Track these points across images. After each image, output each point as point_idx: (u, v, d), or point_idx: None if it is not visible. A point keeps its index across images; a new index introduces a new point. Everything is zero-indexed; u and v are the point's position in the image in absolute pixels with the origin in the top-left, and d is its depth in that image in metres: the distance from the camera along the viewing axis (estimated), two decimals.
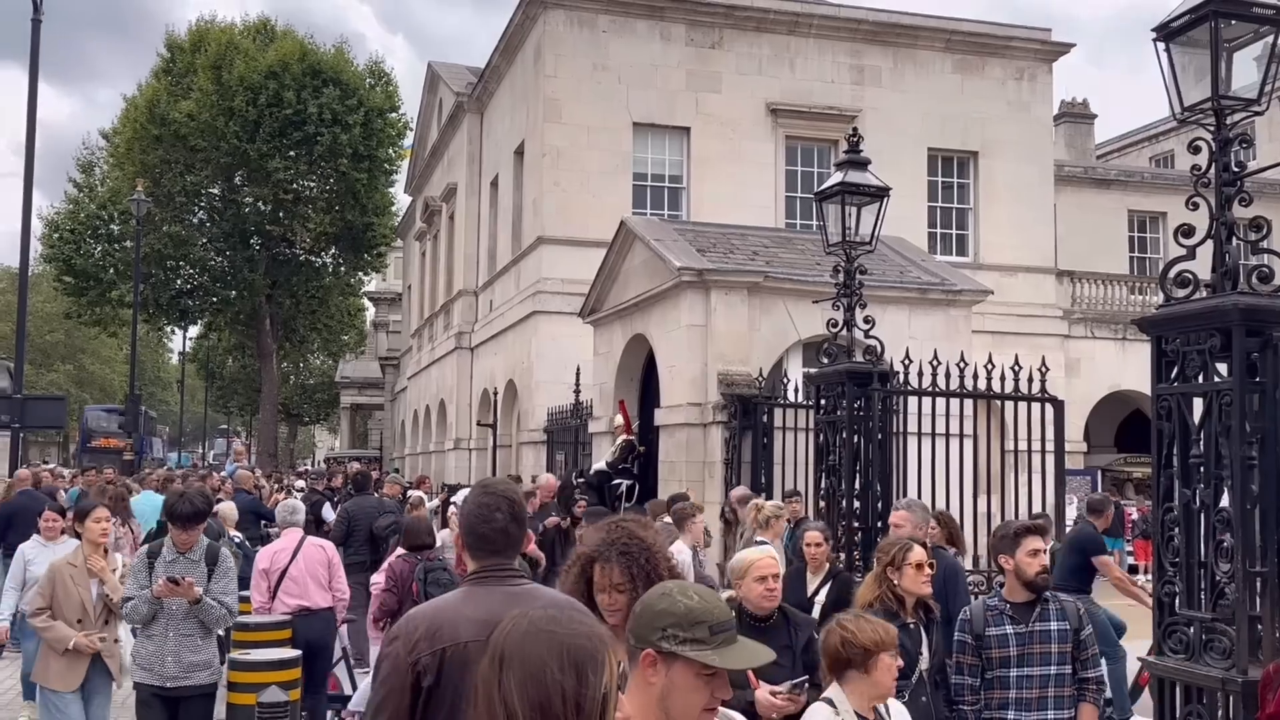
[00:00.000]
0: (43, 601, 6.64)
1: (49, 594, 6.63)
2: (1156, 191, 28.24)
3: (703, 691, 2.35)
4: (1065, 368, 22.36)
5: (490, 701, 1.78)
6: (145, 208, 29.71)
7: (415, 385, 36.46)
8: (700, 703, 2.35)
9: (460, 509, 3.50)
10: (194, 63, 35.52)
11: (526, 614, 1.90)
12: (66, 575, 6.69)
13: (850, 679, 3.64)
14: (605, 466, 14.37)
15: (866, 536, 9.82)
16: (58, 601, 6.61)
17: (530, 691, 1.75)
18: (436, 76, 32.91)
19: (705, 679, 2.35)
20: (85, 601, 6.64)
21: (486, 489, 3.41)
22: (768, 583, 4.78)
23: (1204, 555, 5.04)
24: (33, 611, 6.74)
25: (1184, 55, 5.46)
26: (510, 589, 3.18)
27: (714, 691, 2.36)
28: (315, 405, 63.11)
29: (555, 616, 1.89)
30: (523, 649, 1.80)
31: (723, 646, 2.35)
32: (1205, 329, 5.02)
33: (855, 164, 10.58)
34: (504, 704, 1.75)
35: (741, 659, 2.39)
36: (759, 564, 4.84)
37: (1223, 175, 5.17)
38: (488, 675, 1.80)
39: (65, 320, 47.98)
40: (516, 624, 1.86)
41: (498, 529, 3.27)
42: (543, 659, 1.77)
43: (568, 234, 20.94)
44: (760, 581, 4.77)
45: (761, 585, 4.76)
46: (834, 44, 22.93)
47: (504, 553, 3.28)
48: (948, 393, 10.85)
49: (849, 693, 3.61)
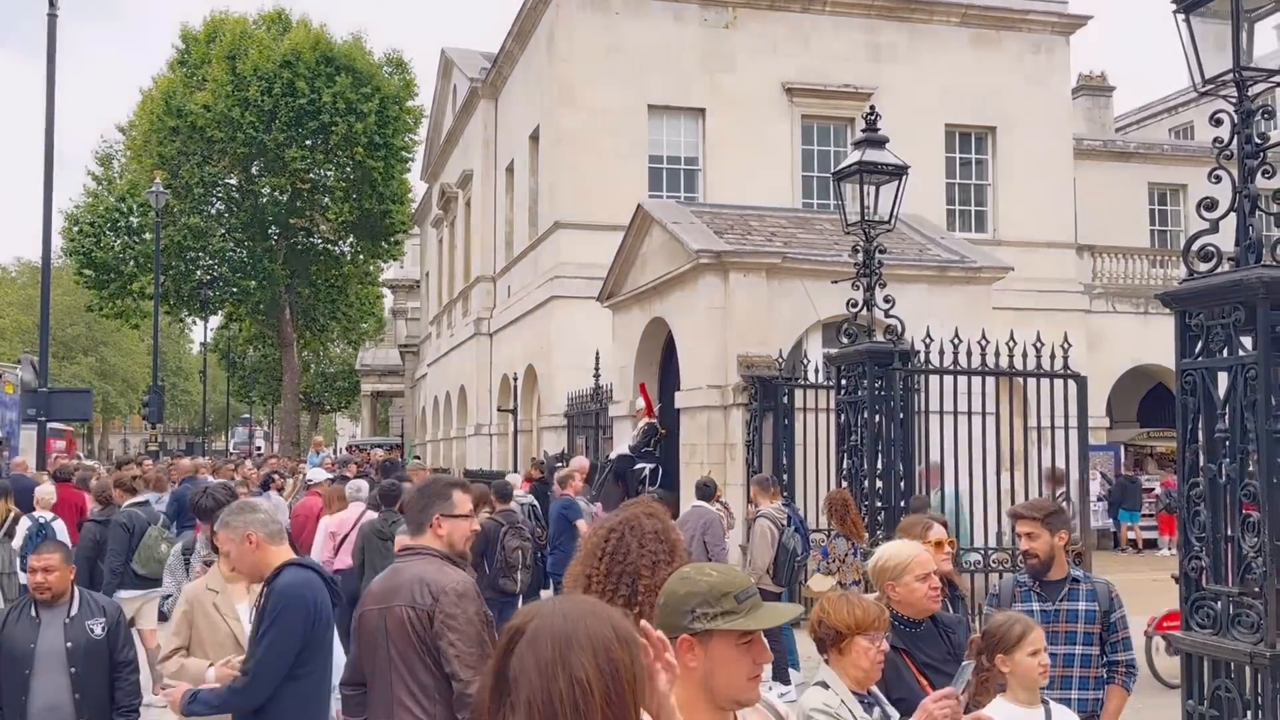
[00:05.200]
0: (179, 641, 5.05)
1: (186, 632, 5.06)
2: (1176, 164, 27.97)
3: (744, 661, 2.40)
4: (1087, 343, 22.23)
5: (550, 683, 1.78)
6: (164, 200, 29.84)
7: (435, 372, 36.59)
8: (745, 672, 2.40)
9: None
10: (208, 54, 35.62)
11: (558, 603, 1.92)
12: (209, 604, 5.14)
13: (833, 659, 3.64)
14: (628, 450, 14.41)
15: (889, 515, 9.83)
16: (199, 639, 5.05)
17: (602, 662, 1.80)
18: (450, 63, 32.90)
19: (744, 648, 2.40)
20: (239, 636, 4.98)
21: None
22: (931, 580, 4.23)
23: (1230, 530, 5.02)
24: (163, 657, 5.19)
25: (1204, 26, 5.41)
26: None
27: (755, 659, 2.41)
28: (336, 393, 63.39)
29: (582, 600, 1.95)
30: (584, 626, 1.83)
31: (752, 611, 2.40)
32: (1229, 303, 4.99)
33: (873, 142, 10.54)
34: (574, 681, 1.77)
35: (772, 618, 2.43)
36: (918, 561, 4.24)
37: (1245, 148, 5.12)
38: (549, 658, 1.80)
39: (87, 313, 48.27)
40: (556, 609, 1.88)
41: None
42: (604, 633, 1.83)
43: (584, 218, 20.93)
44: (923, 580, 4.20)
45: (925, 584, 4.19)
46: (849, 21, 22.78)
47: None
48: (969, 370, 10.83)
49: (839, 673, 3.61)
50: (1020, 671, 3.99)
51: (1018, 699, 4.02)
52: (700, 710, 2.41)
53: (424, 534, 4.06)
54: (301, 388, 47.20)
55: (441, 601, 3.84)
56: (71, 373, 59.65)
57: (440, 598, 3.84)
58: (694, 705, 2.41)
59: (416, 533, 4.09)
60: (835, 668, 3.61)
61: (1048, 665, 4.07)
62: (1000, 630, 4.07)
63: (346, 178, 36.84)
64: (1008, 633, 4.03)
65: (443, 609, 3.82)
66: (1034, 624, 4.13)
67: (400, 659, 3.85)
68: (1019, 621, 4.10)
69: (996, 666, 4.05)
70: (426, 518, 4.04)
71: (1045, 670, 4.04)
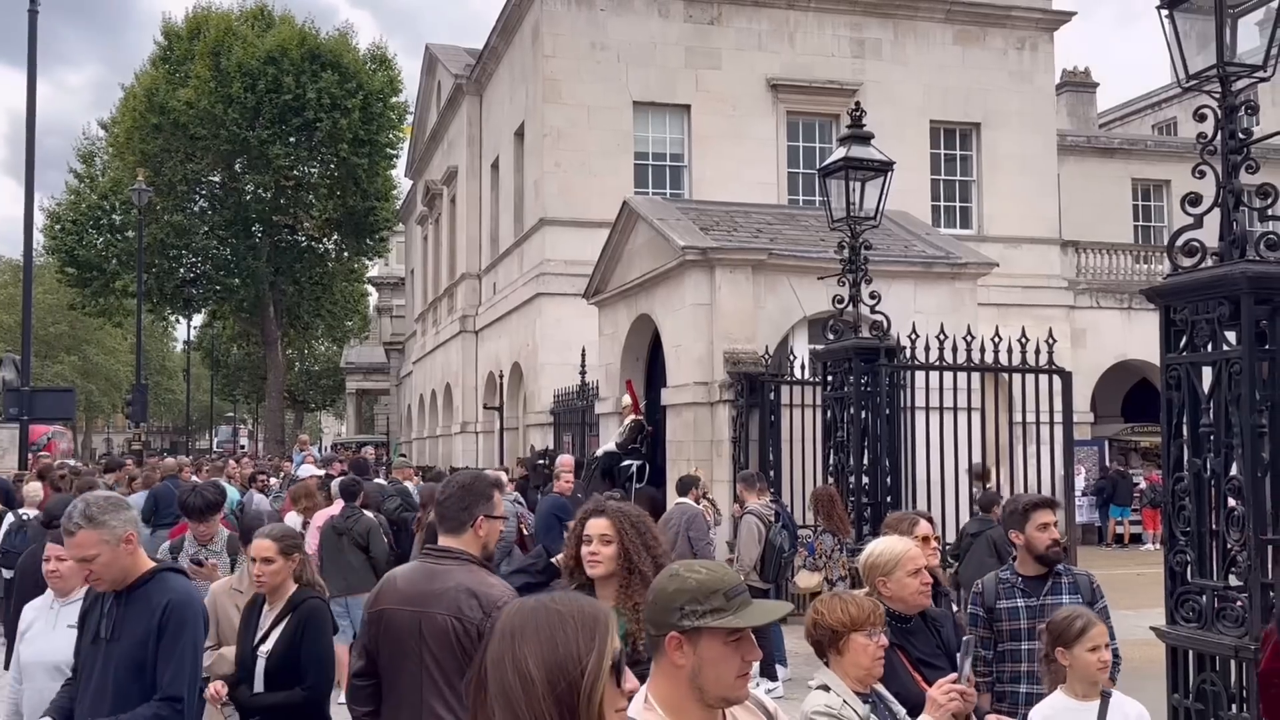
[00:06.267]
0: (209, 640, 5.00)
1: (212, 629, 5.13)
2: (1160, 159, 28.10)
3: (733, 659, 2.39)
4: (1071, 338, 22.33)
5: (503, 675, 1.80)
6: (146, 197, 29.69)
7: (421, 369, 36.50)
8: (733, 670, 2.39)
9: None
10: (191, 50, 35.42)
11: (526, 599, 1.95)
12: (230, 606, 5.27)
13: (832, 660, 3.63)
14: (614, 448, 14.39)
15: (875, 511, 9.84)
16: (223, 635, 5.24)
17: (546, 654, 1.80)
18: (434, 59, 32.79)
19: (733, 645, 2.38)
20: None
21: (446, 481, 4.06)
22: (922, 576, 4.24)
23: (1215, 524, 5.04)
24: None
25: (1187, 22, 5.42)
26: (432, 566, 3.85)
27: (744, 656, 2.40)
28: (321, 391, 63.23)
29: (555, 596, 1.94)
30: (534, 620, 1.85)
31: (741, 609, 2.39)
32: (1214, 298, 5.01)
33: (858, 139, 10.55)
34: (519, 673, 1.79)
35: (761, 615, 2.43)
36: (910, 556, 4.23)
37: (1229, 143, 5.13)
38: (498, 651, 1.83)
39: (69, 311, 48.03)
40: (521, 605, 1.90)
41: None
42: (554, 625, 1.83)
43: (570, 215, 20.90)
44: (914, 576, 4.21)
45: (917, 580, 4.21)
46: (833, 17, 22.81)
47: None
48: (955, 366, 10.85)
49: (840, 675, 3.60)
50: (1079, 666, 4.05)
51: (1075, 692, 4.08)
52: (689, 708, 2.40)
53: (464, 533, 3.86)
54: (286, 386, 47.04)
55: (494, 617, 3.71)
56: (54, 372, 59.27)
57: (493, 614, 3.63)
58: (682, 703, 2.40)
59: (457, 531, 3.87)
60: (835, 669, 3.59)
61: (1108, 661, 4.12)
62: (1061, 625, 4.13)
63: (331, 174, 36.73)
64: (1068, 627, 4.10)
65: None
66: (1096, 619, 4.17)
67: (436, 667, 3.71)
68: (1080, 616, 4.15)
69: (1057, 660, 4.10)
70: (470, 517, 3.85)
71: (1105, 666, 4.09)
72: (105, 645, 3.84)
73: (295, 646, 4.60)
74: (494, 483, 4.05)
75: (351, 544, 9.30)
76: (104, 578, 3.84)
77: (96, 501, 3.89)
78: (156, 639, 3.79)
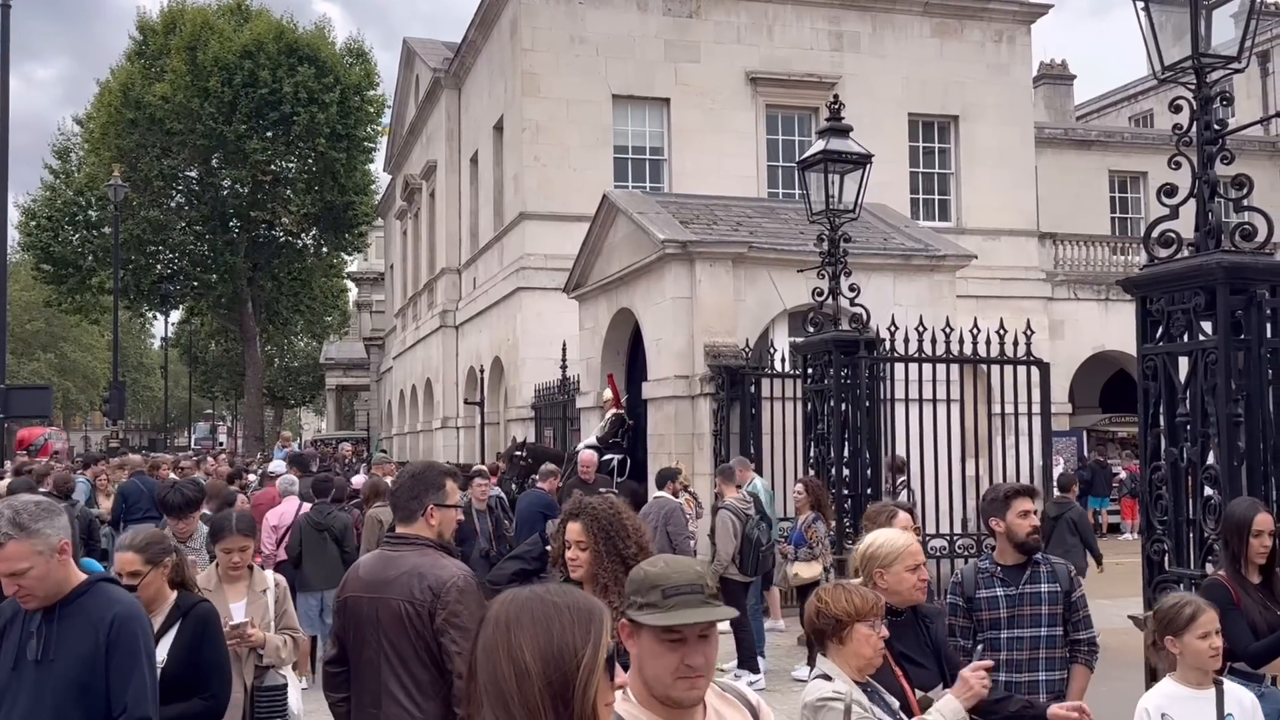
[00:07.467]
0: None
1: None
2: (1137, 151, 28.27)
3: (668, 657, 2.32)
4: (1049, 330, 22.45)
5: (496, 664, 1.79)
6: (123, 193, 29.45)
7: (401, 365, 36.37)
8: (669, 668, 2.33)
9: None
10: (167, 44, 35.12)
11: (520, 589, 1.93)
12: None
13: (832, 650, 3.63)
14: (596, 441, 14.39)
15: (856, 503, 9.88)
16: None
17: (542, 644, 1.78)
18: (412, 53, 32.63)
19: (669, 644, 2.32)
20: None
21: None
22: (920, 572, 4.15)
23: (1192, 513, 5.08)
24: None
25: (1163, 14, 5.45)
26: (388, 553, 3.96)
27: (684, 658, 2.32)
28: (300, 388, 62.88)
29: (550, 588, 1.93)
30: (529, 610, 1.83)
31: (676, 609, 2.31)
32: (1190, 288, 5.04)
33: (837, 131, 10.57)
34: (512, 661, 1.78)
35: (685, 618, 2.32)
36: (910, 550, 4.14)
37: (1204, 134, 5.17)
38: (490, 640, 1.82)
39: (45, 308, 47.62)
40: (516, 595, 1.89)
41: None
42: (550, 616, 1.82)
43: (550, 209, 20.86)
44: (913, 571, 4.12)
45: (915, 575, 4.12)
46: (812, 10, 22.82)
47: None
48: (934, 358, 10.90)
49: (839, 664, 3.61)
50: (1189, 654, 3.96)
51: (1187, 680, 3.99)
52: (651, 701, 2.38)
53: (415, 522, 3.96)
54: (265, 382, 46.79)
55: (444, 598, 3.76)
56: (30, 369, 58.84)
57: (441, 594, 3.77)
58: (642, 694, 2.38)
59: (409, 520, 3.98)
60: (835, 659, 3.58)
61: (1219, 648, 4.01)
62: (1170, 612, 4.02)
63: (309, 169, 36.50)
64: (1177, 615, 3.99)
65: (445, 606, 3.75)
66: (1206, 606, 4.06)
67: (393, 651, 3.79)
68: (1190, 603, 4.05)
69: (1166, 648, 4.03)
70: (420, 506, 3.95)
71: (1217, 653, 3.98)
72: (35, 669, 3.37)
73: (194, 654, 4.22)
74: (446, 472, 4.14)
75: (332, 539, 9.35)
76: (36, 594, 3.37)
77: (26, 508, 3.37)
78: (105, 658, 3.38)
